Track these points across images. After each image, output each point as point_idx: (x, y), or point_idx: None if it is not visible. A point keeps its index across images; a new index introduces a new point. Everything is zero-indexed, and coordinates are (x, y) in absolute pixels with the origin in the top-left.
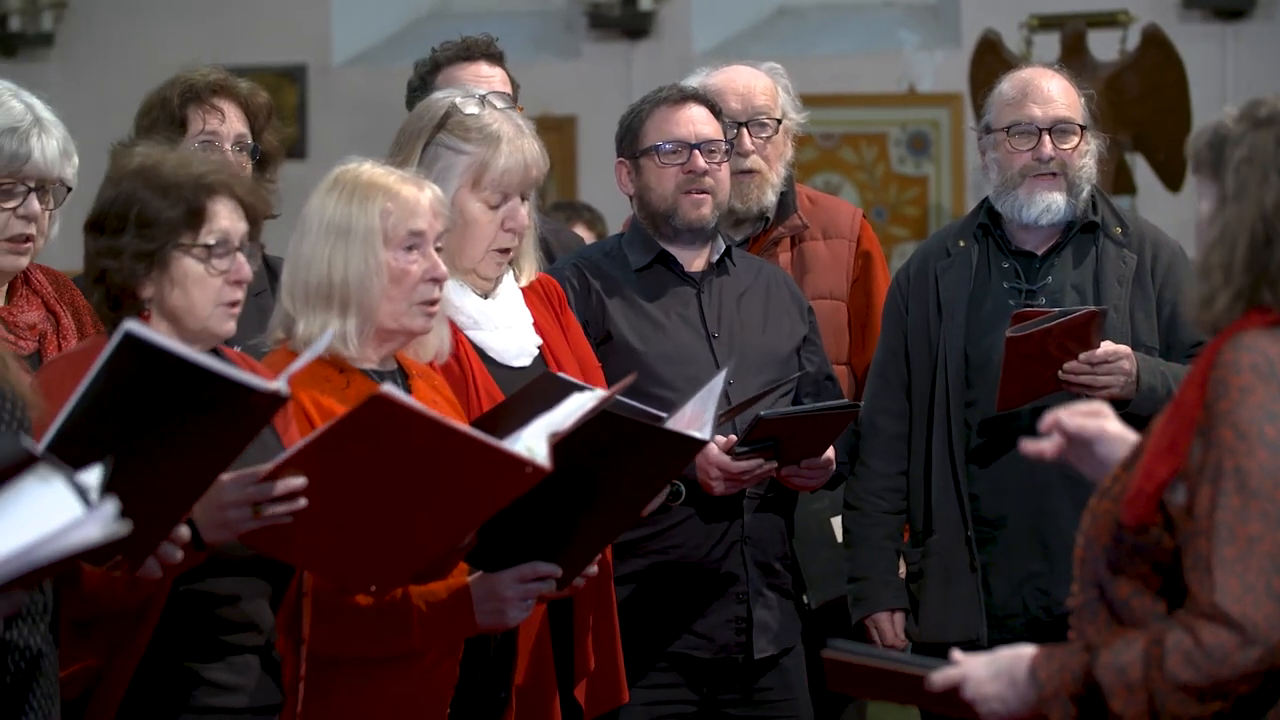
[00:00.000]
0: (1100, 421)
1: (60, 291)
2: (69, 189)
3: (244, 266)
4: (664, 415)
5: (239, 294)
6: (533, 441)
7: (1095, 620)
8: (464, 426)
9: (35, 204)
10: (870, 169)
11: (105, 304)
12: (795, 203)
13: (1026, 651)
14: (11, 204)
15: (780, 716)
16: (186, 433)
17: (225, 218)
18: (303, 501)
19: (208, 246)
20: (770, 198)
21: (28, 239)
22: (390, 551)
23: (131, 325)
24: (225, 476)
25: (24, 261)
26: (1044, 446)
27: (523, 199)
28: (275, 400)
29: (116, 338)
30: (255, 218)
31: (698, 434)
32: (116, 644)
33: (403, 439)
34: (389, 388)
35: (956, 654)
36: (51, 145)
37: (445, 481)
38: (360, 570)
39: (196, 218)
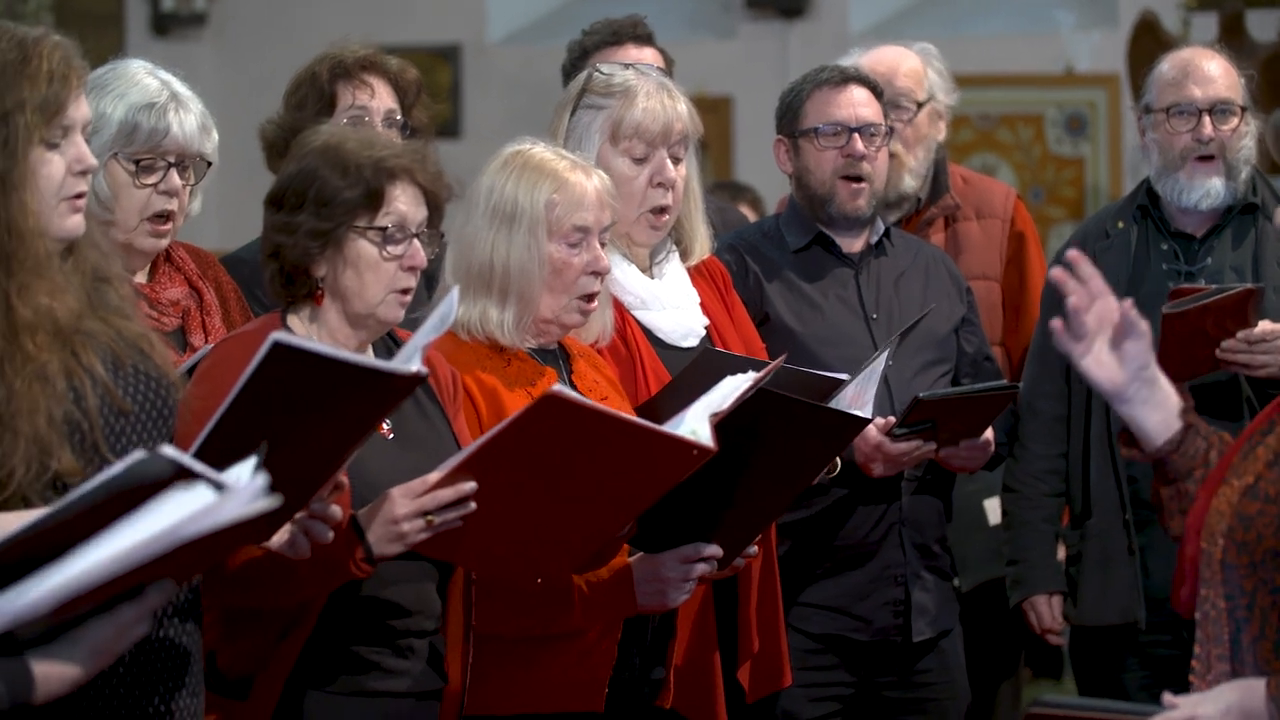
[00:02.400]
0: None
1: (203, 268)
2: (209, 164)
3: (419, 253)
4: (843, 378)
5: (412, 281)
6: (696, 424)
7: (1265, 632)
8: (632, 417)
9: (176, 179)
10: (1027, 150)
11: (278, 280)
12: (948, 183)
13: (1256, 684)
14: (152, 179)
15: (938, 699)
16: (328, 417)
17: (404, 202)
18: (473, 505)
19: (383, 230)
20: (907, 181)
21: (169, 217)
22: (556, 543)
23: (278, 335)
24: (395, 490)
25: (165, 242)
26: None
27: (675, 160)
28: (415, 381)
29: (264, 350)
30: (436, 204)
31: (859, 413)
32: (283, 627)
33: (572, 434)
34: (559, 387)
35: (1170, 697)
36: (189, 120)
37: (612, 470)
38: (527, 564)
39: (375, 200)
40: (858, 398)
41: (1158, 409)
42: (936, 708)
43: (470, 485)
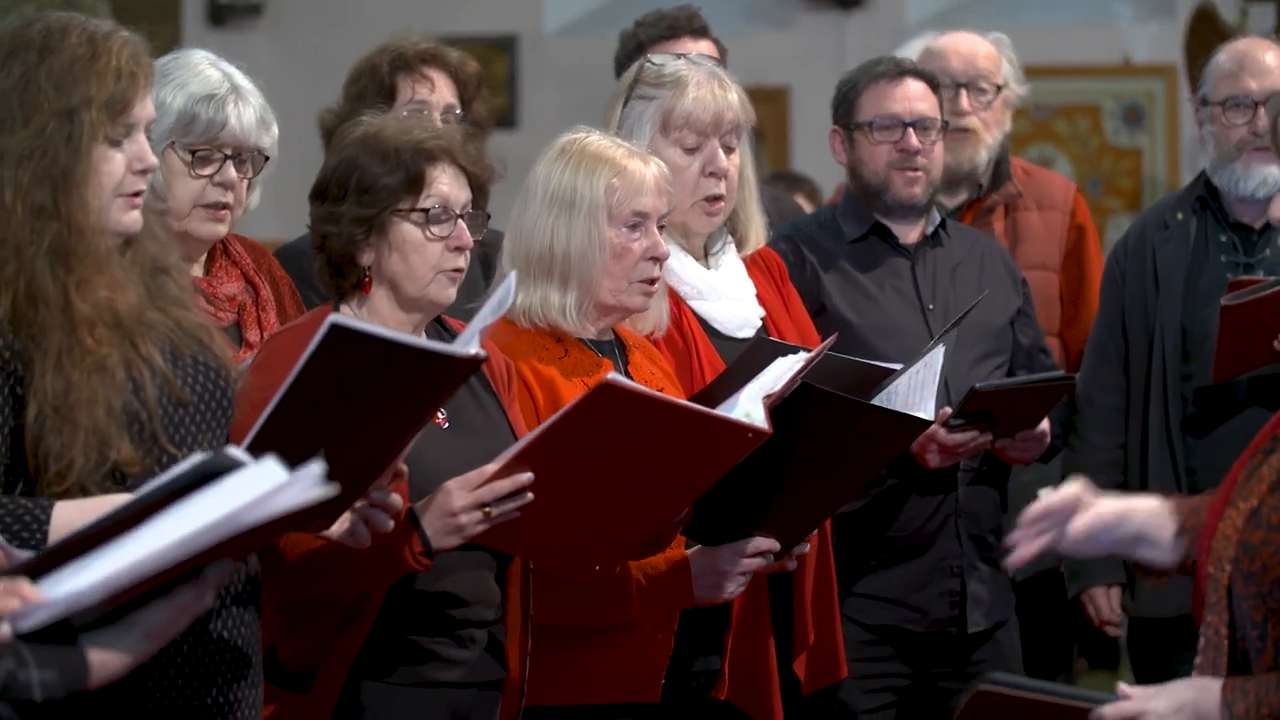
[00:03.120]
0: (1090, 514)
1: (259, 262)
2: (267, 158)
3: (464, 233)
4: (894, 367)
5: (460, 261)
6: (750, 406)
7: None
8: (688, 403)
9: (232, 172)
10: (1084, 141)
11: (326, 271)
12: (1010, 171)
13: (1212, 685)
14: (208, 171)
15: None
16: (387, 401)
17: (445, 184)
18: (530, 496)
19: (425, 212)
20: (982, 156)
21: (225, 207)
22: (614, 530)
23: (335, 317)
24: (452, 483)
25: (222, 230)
26: (1022, 555)
27: (728, 150)
28: (474, 363)
29: (321, 332)
30: (479, 185)
31: (921, 414)
32: (344, 619)
33: (629, 421)
34: (615, 375)
35: (1124, 687)
36: (248, 113)
37: (668, 457)
38: (584, 553)
39: (415, 184)
40: (912, 395)
41: (1152, 545)
42: None
43: (527, 476)
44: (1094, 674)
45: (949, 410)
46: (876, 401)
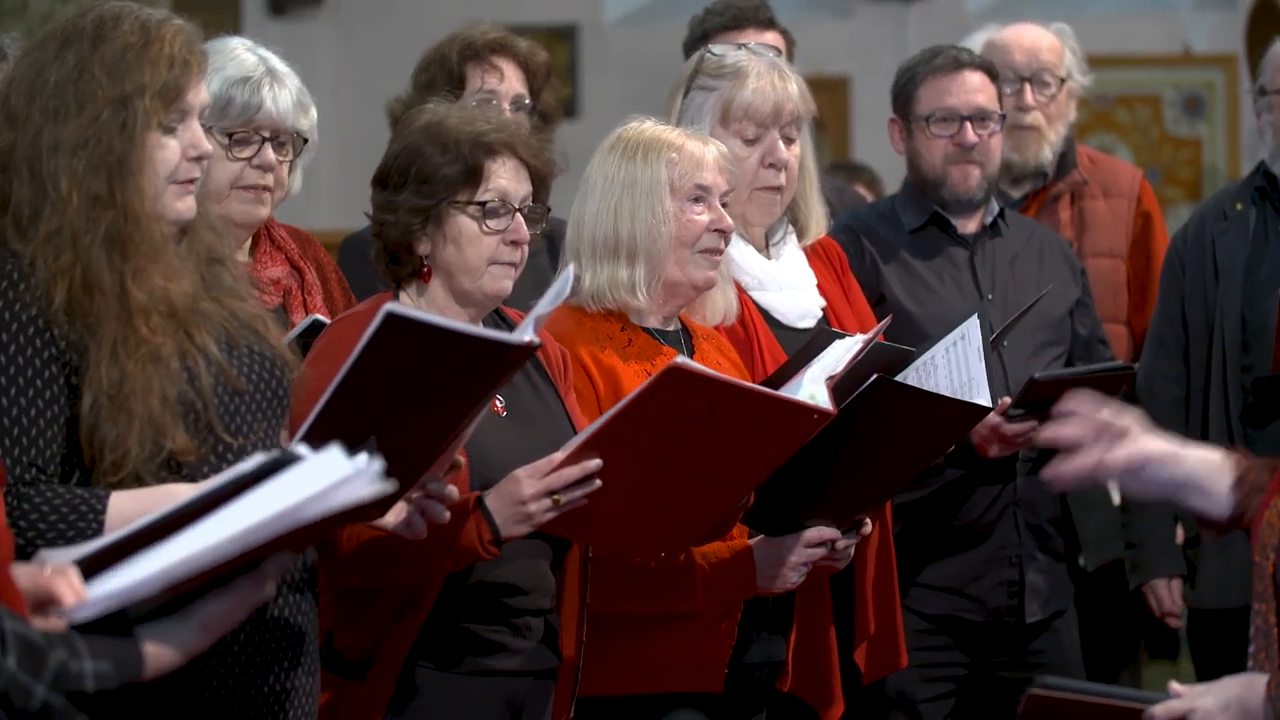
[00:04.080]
0: (1136, 446)
1: (304, 248)
2: (306, 140)
3: (522, 227)
4: (911, 350)
5: (517, 255)
6: (813, 388)
7: None
8: (756, 386)
9: (270, 154)
10: (1144, 130)
11: (383, 258)
12: (1075, 159)
13: (1258, 680)
14: (246, 153)
15: None
16: (442, 390)
17: (504, 177)
18: (599, 483)
19: (483, 204)
20: (1047, 154)
21: (264, 189)
22: (679, 516)
23: (391, 306)
24: (520, 471)
25: (263, 212)
26: (1063, 470)
27: (788, 140)
28: (528, 351)
29: (378, 320)
30: (540, 179)
31: (981, 401)
32: (400, 607)
33: (697, 405)
34: (683, 359)
35: (1175, 686)
36: (284, 95)
37: (733, 440)
38: (650, 538)
39: (474, 176)
40: (958, 374)
41: (1204, 493)
42: None
43: (595, 463)
44: (1154, 664)
45: (1009, 400)
46: (908, 378)
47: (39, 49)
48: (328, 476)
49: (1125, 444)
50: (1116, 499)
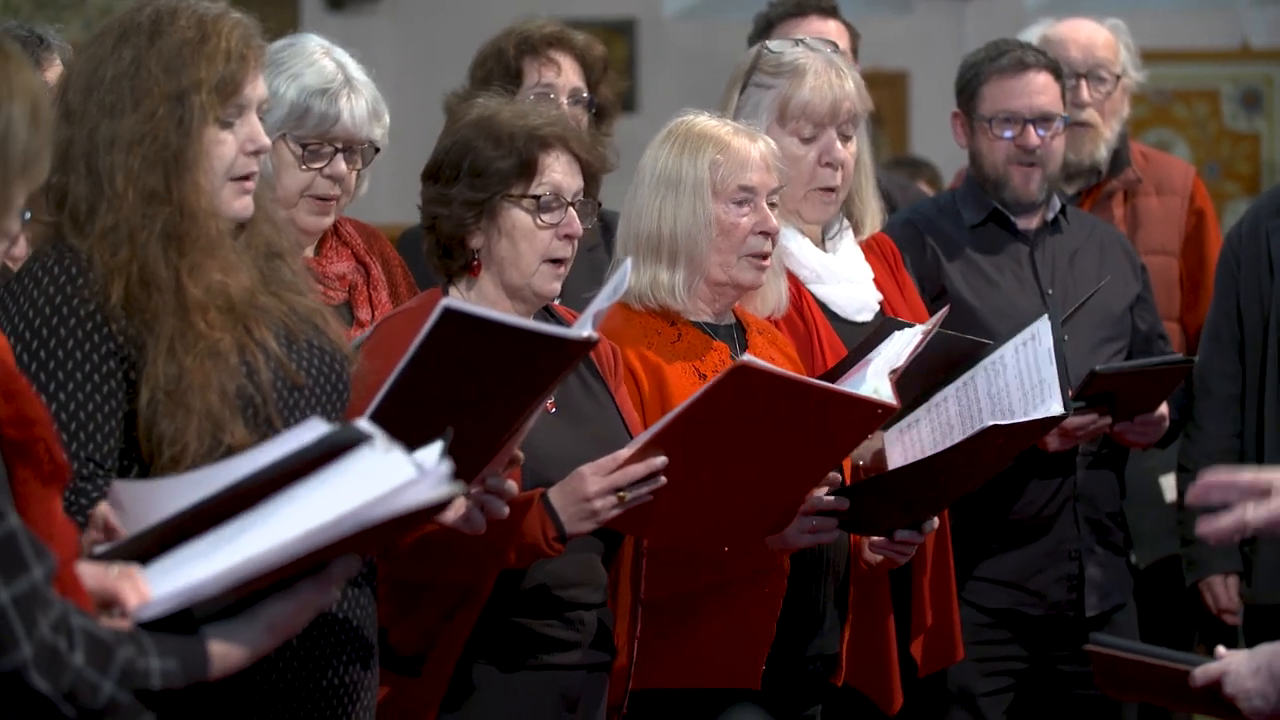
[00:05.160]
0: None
1: (370, 243)
2: (377, 149)
3: (575, 221)
4: (988, 342)
5: (568, 250)
6: (876, 382)
7: None
8: (821, 382)
9: (341, 165)
10: (1203, 125)
11: (435, 251)
12: (1129, 156)
13: None
14: (318, 164)
15: None
16: (500, 385)
17: (558, 171)
18: (664, 479)
19: (536, 199)
20: (1102, 152)
21: (332, 199)
22: (744, 510)
23: (449, 301)
24: (585, 468)
25: (327, 221)
26: (1216, 528)
27: (844, 139)
28: (587, 346)
29: (435, 315)
30: (592, 173)
31: (1053, 403)
32: (454, 604)
33: (763, 402)
34: (750, 356)
35: (1221, 649)
36: (360, 106)
37: (798, 436)
38: (713, 532)
39: (528, 169)
40: (1028, 377)
41: None
42: None
43: (661, 460)
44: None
45: (1070, 395)
46: (977, 376)
47: (96, 43)
48: (397, 477)
49: (1269, 501)
50: (1170, 496)
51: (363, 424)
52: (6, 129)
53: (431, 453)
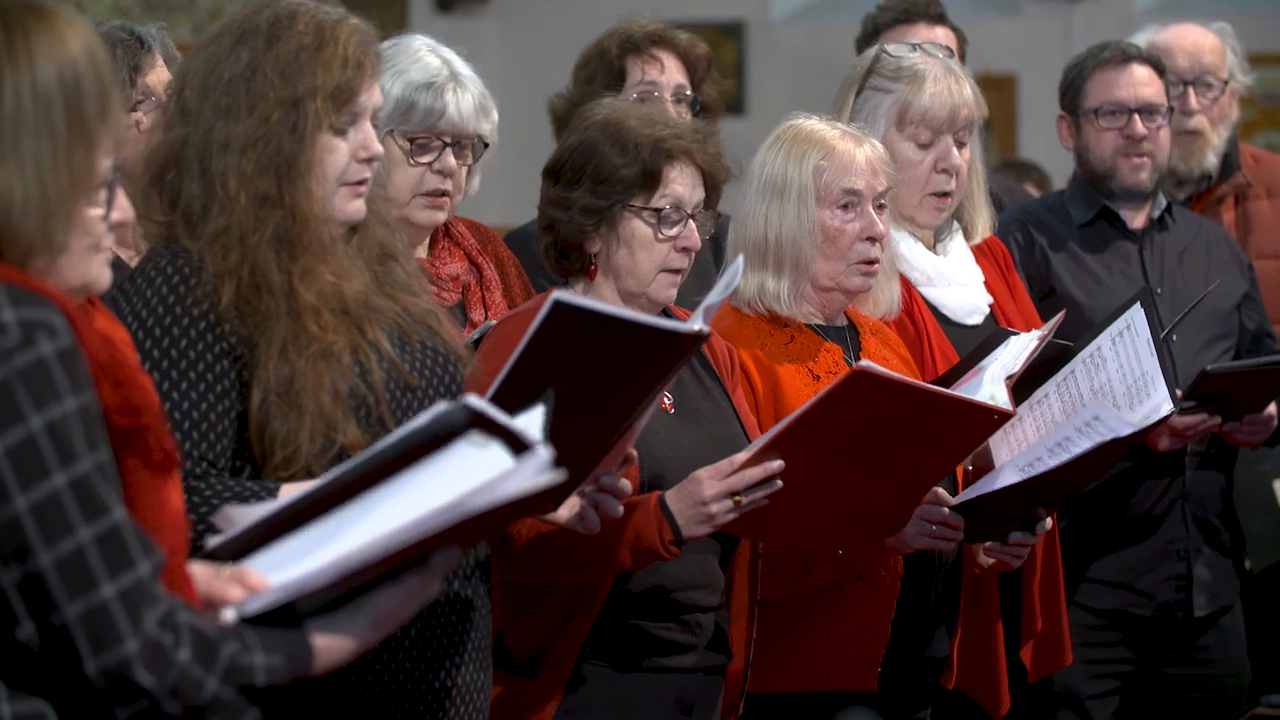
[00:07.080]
0: None
1: (483, 243)
2: (486, 145)
3: (694, 234)
4: (1069, 345)
5: (685, 261)
6: (993, 388)
7: None
8: (939, 388)
9: (451, 159)
10: None
11: (553, 252)
12: (1239, 160)
13: None
14: (427, 159)
15: (1219, 675)
16: (611, 381)
17: (681, 184)
18: (780, 483)
19: (658, 211)
20: (1211, 160)
21: (444, 194)
22: (858, 513)
23: (559, 294)
24: (702, 472)
25: (441, 216)
26: None
27: (960, 145)
28: (697, 340)
29: (546, 309)
30: (714, 185)
31: (1159, 398)
32: (571, 605)
33: (880, 407)
34: (868, 362)
35: None
36: (467, 100)
37: (914, 441)
38: (828, 536)
39: (651, 180)
40: (1130, 372)
41: None
42: (1216, 684)
43: (777, 464)
44: None
45: (1179, 393)
46: (1075, 371)
47: (214, 43)
48: (495, 467)
49: None
50: None
51: (471, 399)
52: (74, 74)
53: (534, 420)
